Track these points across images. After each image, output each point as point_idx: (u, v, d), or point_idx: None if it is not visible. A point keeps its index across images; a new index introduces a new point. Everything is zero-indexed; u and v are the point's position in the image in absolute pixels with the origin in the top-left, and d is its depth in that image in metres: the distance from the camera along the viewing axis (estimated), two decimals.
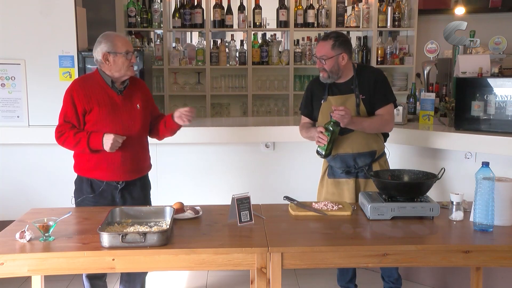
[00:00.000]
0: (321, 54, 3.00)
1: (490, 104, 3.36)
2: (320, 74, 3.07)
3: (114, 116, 2.83)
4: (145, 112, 2.96)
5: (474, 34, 4.00)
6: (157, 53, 5.39)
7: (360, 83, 3.06)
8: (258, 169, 3.95)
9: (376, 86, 3.06)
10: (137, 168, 2.95)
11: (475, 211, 2.39)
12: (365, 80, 3.06)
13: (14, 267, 2.15)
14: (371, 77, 3.08)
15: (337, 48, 2.98)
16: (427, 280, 3.67)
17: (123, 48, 2.81)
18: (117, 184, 2.90)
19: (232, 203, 2.46)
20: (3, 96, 3.70)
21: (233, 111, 5.67)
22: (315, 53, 3.07)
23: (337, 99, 3.07)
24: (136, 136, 2.90)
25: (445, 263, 2.30)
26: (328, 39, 3.00)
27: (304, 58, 5.51)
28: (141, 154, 2.97)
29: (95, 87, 2.85)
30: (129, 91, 2.91)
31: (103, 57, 2.80)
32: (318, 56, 3.02)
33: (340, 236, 2.39)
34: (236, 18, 5.40)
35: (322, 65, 3.01)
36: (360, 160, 3.07)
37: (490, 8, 5.98)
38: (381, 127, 3.09)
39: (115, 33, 2.90)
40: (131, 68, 2.87)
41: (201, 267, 2.22)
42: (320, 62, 3.02)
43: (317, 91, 3.18)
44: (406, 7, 5.49)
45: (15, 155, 3.80)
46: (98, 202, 2.87)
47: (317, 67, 3.07)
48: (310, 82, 3.33)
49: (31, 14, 3.66)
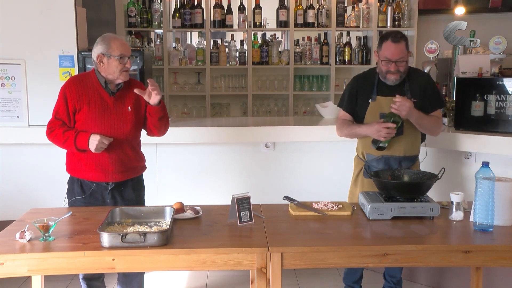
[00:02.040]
0: (399, 56, 2.92)
1: (490, 104, 3.36)
2: (392, 77, 2.98)
3: (103, 116, 2.82)
4: (137, 114, 2.92)
5: (474, 34, 4.00)
6: (157, 53, 5.39)
7: (411, 85, 3.02)
8: (258, 169, 3.95)
9: (429, 90, 3.04)
10: (127, 169, 2.92)
11: (475, 211, 2.39)
12: (416, 83, 3.03)
13: (14, 267, 2.15)
14: (423, 81, 3.06)
15: (407, 48, 2.96)
16: (427, 280, 3.67)
17: (117, 51, 2.77)
18: (107, 185, 2.90)
19: (232, 203, 2.46)
20: (3, 96, 3.70)
21: (233, 111, 5.67)
22: (387, 57, 2.94)
23: (388, 101, 2.98)
24: (125, 138, 2.88)
25: (445, 263, 2.30)
26: (401, 40, 2.92)
27: (304, 58, 5.51)
28: (131, 155, 2.93)
29: (89, 87, 2.84)
30: (123, 92, 2.89)
31: (98, 58, 2.80)
32: (394, 59, 2.92)
33: (340, 236, 2.39)
34: (236, 18, 5.40)
35: (398, 67, 2.93)
36: (405, 163, 3.06)
37: (490, 8, 5.97)
38: (435, 129, 3.08)
39: (114, 36, 2.86)
40: (125, 73, 2.82)
41: (201, 267, 2.22)
42: (395, 65, 2.94)
43: (364, 89, 3.10)
44: (406, 7, 5.49)
45: (15, 155, 3.80)
46: (88, 203, 2.87)
47: (392, 70, 2.96)
48: (354, 79, 3.24)
49: (31, 14, 3.66)
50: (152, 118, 2.92)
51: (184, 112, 5.50)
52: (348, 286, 3.37)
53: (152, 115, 2.91)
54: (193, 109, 5.53)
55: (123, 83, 2.88)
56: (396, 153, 3.04)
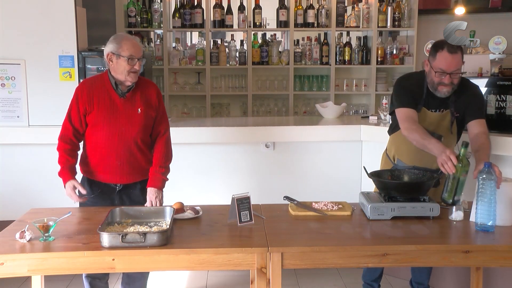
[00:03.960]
0: (455, 68, 2.74)
1: (490, 104, 3.36)
2: (444, 90, 2.79)
3: (112, 118, 2.83)
4: (147, 116, 2.90)
5: (474, 34, 3.99)
6: (157, 53, 5.39)
7: (457, 98, 2.85)
8: (258, 169, 3.95)
9: (473, 103, 2.85)
10: (136, 171, 2.93)
11: (477, 211, 2.38)
12: (463, 96, 2.85)
13: (14, 267, 2.15)
14: (470, 93, 2.87)
15: (463, 58, 2.78)
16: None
17: (127, 52, 2.76)
18: (115, 186, 2.91)
19: (232, 203, 2.46)
20: (3, 96, 3.70)
21: (233, 111, 5.67)
22: (442, 69, 2.74)
23: (432, 116, 2.87)
24: (134, 141, 2.88)
25: (445, 263, 2.31)
26: (457, 50, 2.74)
27: (304, 58, 5.51)
28: (140, 157, 2.93)
29: (100, 88, 2.85)
30: (133, 94, 2.88)
31: (107, 56, 2.80)
32: (449, 71, 2.73)
33: (340, 236, 2.39)
34: (236, 18, 5.40)
35: (452, 80, 2.76)
36: None
37: (490, 8, 5.97)
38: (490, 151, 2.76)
39: (126, 36, 2.85)
40: (133, 75, 2.80)
41: (201, 267, 2.22)
42: (450, 77, 2.75)
43: (414, 93, 2.90)
44: (406, 7, 5.49)
45: (15, 155, 3.80)
46: (97, 203, 2.88)
47: (446, 82, 2.77)
48: (403, 80, 3.05)
49: (31, 14, 3.66)
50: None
51: (184, 112, 5.50)
52: (366, 284, 3.33)
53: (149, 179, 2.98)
54: (193, 109, 5.53)
55: (134, 84, 2.86)
56: (428, 165, 2.88)
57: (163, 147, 2.97)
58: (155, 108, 2.94)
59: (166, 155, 2.98)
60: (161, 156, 2.96)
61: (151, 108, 2.92)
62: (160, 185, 2.92)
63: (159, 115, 2.97)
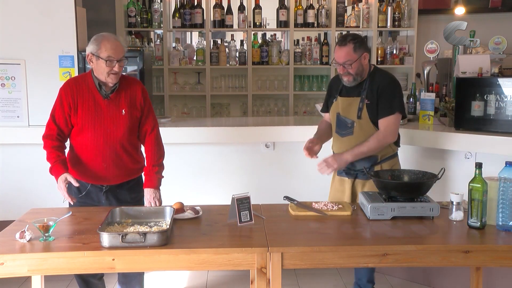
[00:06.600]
0: (345, 59, 2.96)
1: (490, 104, 3.36)
2: (344, 79, 3.03)
3: (96, 120, 2.80)
4: (132, 117, 2.87)
5: (474, 34, 4.00)
6: (157, 53, 5.39)
7: (369, 87, 3.03)
8: (258, 169, 3.95)
9: (381, 94, 3.00)
10: (122, 173, 2.91)
11: (498, 211, 2.36)
12: (375, 85, 3.03)
13: (14, 267, 2.15)
14: (382, 84, 3.02)
15: (358, 49, 2.96)
16: (427, 280, 3.67)
17: (105, 53, 2.70)
18: (101, 187, 2.90)
19: (232, 203, 2.46)
20: (3, 96, 3.70)
21: (233, 111, 5.67)
22: (335, 60, 3.02)
23: (344, 101, 3.10)
24: (119, 143, 2.85)
25: (445, 263, 2.30)
26: (347, 43, 2.96)
27: (304, 58, 5.51)
28: (126, 159, 2.90)
29: (84, 89, 2.81)
30: (117, 95, 2.83)
31: (88, 57, 2.77)
32: (341, 62, 2.97)
33: (340, 236, 2.39)
34: (236, 18, 5.40)
35: (347, 70, 2.98)
36: (358, 163, 3.04)
37: (490, 8, 5.98)
38: (381, 145, 3.01)
39: (107, 37, 2.76)
40: (113, 76, 2.74)
41: (201, 267, 2.22)
42: (343, 67, 2.98)
43: (334, 89, 3.21)
44: (406, 7, 5.49)
45: (15, 155, 3.80)
46: (85, 203, 2.87)
47: (340, 72, 3.02)
48: (331, 79, 3.34)
49: (31, 14, 3.66)
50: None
51: (184, 112, 5.50)
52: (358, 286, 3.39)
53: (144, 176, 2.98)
54: (193, 109, 5.54)
55: (118, 84, 2.82)
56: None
57: (153, 145, 2.94)
58: (140, 108, 2.90)
59: (158, 152, 2.96)
60: (153, 154, 2.93)
61: (135, 109, 2.88)
62: (156, 184, 2.91)
63: (144, 114, 2.92)
